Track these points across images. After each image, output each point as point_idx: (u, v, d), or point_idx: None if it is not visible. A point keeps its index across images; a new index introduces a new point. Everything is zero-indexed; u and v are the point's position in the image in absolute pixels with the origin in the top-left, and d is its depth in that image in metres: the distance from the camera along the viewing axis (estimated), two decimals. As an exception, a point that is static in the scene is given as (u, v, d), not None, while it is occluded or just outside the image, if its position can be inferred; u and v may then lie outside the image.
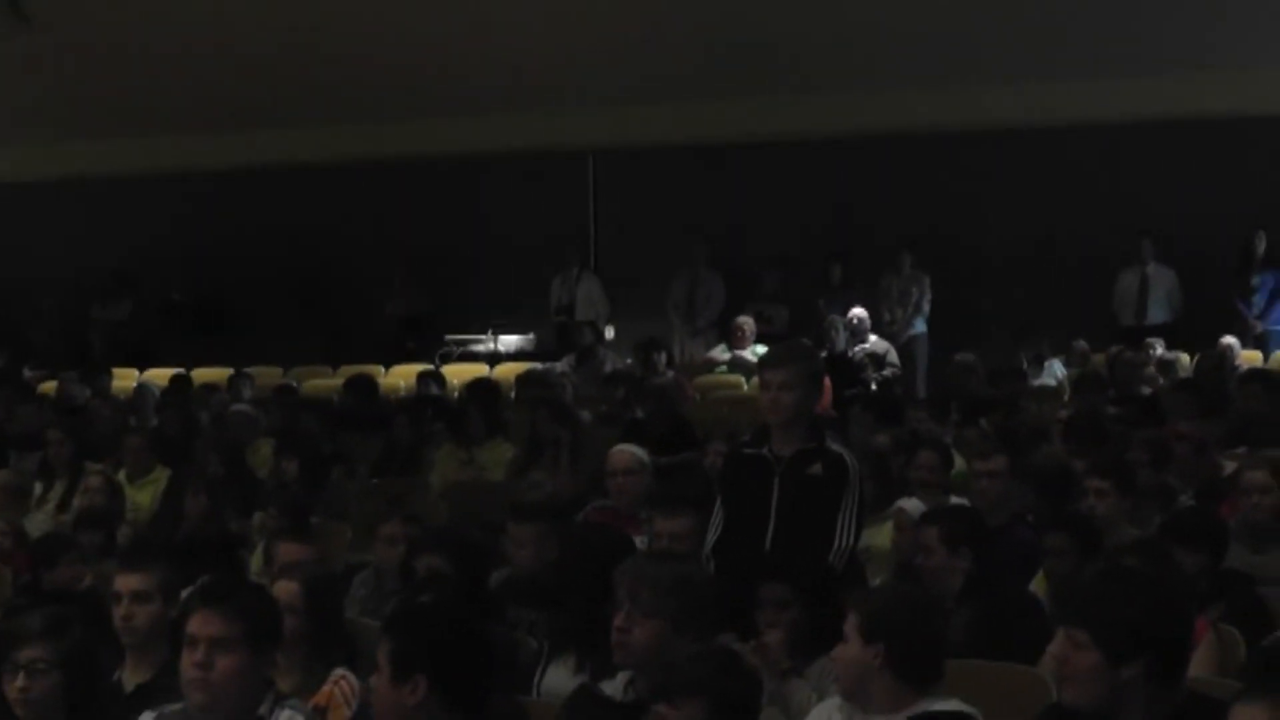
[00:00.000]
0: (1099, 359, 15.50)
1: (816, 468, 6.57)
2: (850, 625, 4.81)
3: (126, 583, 5.87)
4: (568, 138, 19.24)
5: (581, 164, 20.01)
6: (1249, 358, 15.31)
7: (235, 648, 4.62)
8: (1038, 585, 7.00)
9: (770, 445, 6.66)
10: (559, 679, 5.74)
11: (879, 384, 15.38)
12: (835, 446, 6.70)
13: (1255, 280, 16.83)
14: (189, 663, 4.65)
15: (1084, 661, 4.30)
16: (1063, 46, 16.90)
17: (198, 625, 4.68)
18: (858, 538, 6.71)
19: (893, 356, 16.31)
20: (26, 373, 18.30)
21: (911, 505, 7.85)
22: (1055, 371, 15.30)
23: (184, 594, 5.73)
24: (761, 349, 15.18)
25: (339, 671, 5.49)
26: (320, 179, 20.21)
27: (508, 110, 18.93)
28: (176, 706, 4.80)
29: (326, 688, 5.43)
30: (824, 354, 14.95)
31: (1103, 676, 4.27)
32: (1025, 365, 15.12)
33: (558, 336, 18.51)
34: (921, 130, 17.96)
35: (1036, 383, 14.71)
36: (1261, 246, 16.83)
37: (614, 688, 5.32)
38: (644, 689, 4.95)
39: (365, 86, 18.71)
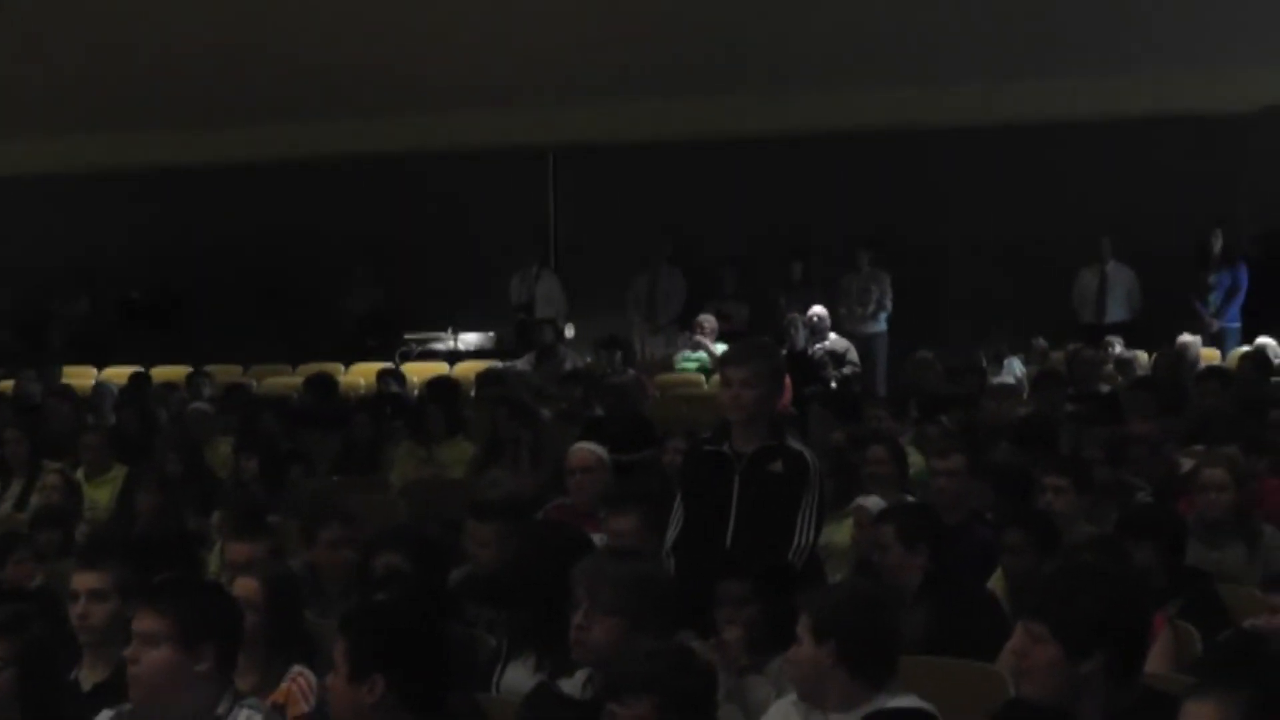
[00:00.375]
0: (1058, 357, 15.56)
1: (777, 465, 6.56)
2: (802, 625, 4.82)
3: (84, 581, 5.88)
4: (528, 135, 19.24)
5: (542, 162, 20.01)
6: (1208, 356, 15.38)
7: (161, 643, 4.58)
8: (995, 583, 7.01)
9: (731, 442, 6.64)
10: (518, 677, 5.73)
11: (838, 381, 15.42)
12: (796, 444, 6.69)
13: (1211, 279, 16.90)
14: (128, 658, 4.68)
15: (1043, 655, 4.29)
16: (1022, 46, 16.96)
17: (135, 621, 4.71)
18: (818, 535, 6.72)
19: (853, 355, 16.35)
20: None
21: (871, 502, 7.85)
22: (1014, 369, 15.34)
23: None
24: (722, 347, 15.20)
25: (297, 669, 5.49)
26: (280, 176, 20.18)
27: (468, 107, 18.92)
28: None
29: (285, 685, 5.44)
30: (784, 352, 15.01)
31: (1062, 670, 4.27)
32: (984, 363, 15.15)
33: (517, 334, 18.49)
34: (881, 129, 18.02)
35: (996, 380, 14.75)
36: (1218, 245, 16.91)
37: (573, 685, 5.31)
38: (601, 687, 4.94)
39: (325, 84, 18.68)
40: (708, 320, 16.73)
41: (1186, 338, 15.15)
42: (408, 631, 4.57)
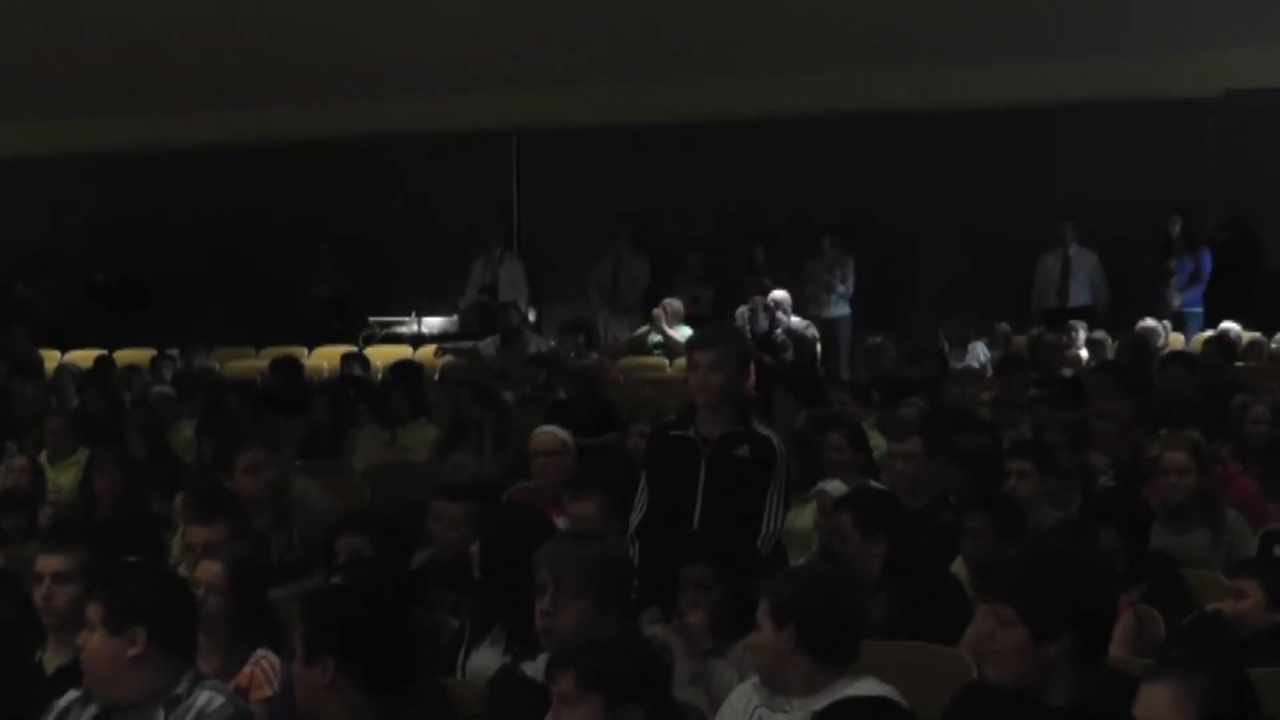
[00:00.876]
0: (1020, 341, 15.59)
1: (744, 450, 6.54)
2: (762, 610, 4.82)
3: (48, 564, 5.90)
4: (491, 118, 19.20)
5: (505, 144, 19.95)
6: (1173, 341, 15.42)
7: (96, 628, 4.74)
8: (959, 568, 7.02)
9: (696, 426, 6.62)
10: (484, 660, 5.72)
11: (788, 364, 15.37)
12: (762, 429, 6.68)
13: (1172, 263, 16.96)
14: None
15: (1009, 638, 4.30)
16: (985, 28, 17.00)
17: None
18: (784, 521, 6.72)
19: (813, 332, 16.37)
20: None
21: (834, 487, 7.87)
22: (978, 354, 15.37)
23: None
24: (687, 330, 15.20)
25: (260, 652, 5.48)
26: (244, 159, 20.11)
27: (432, 90, 18.88)
28: None
29: (248, 669, 5.44)
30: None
31: (1028, 653, 4.28)
32: (947, 347, 15.17)
33: (479, 317, 18.45)
34: (845, 111, 18.04)
35: (961, 365, 14.78)
36: (1176, 229, 16.97)
37: (536, 669, 5.29)
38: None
39: (289, 66, 18.64)
40: (671, 303, 16.71)
41: (1149, 322, 15.20)
42: (360, 615, 4.58)
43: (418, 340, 18.48)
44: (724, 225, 18.68)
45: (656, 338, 16.57)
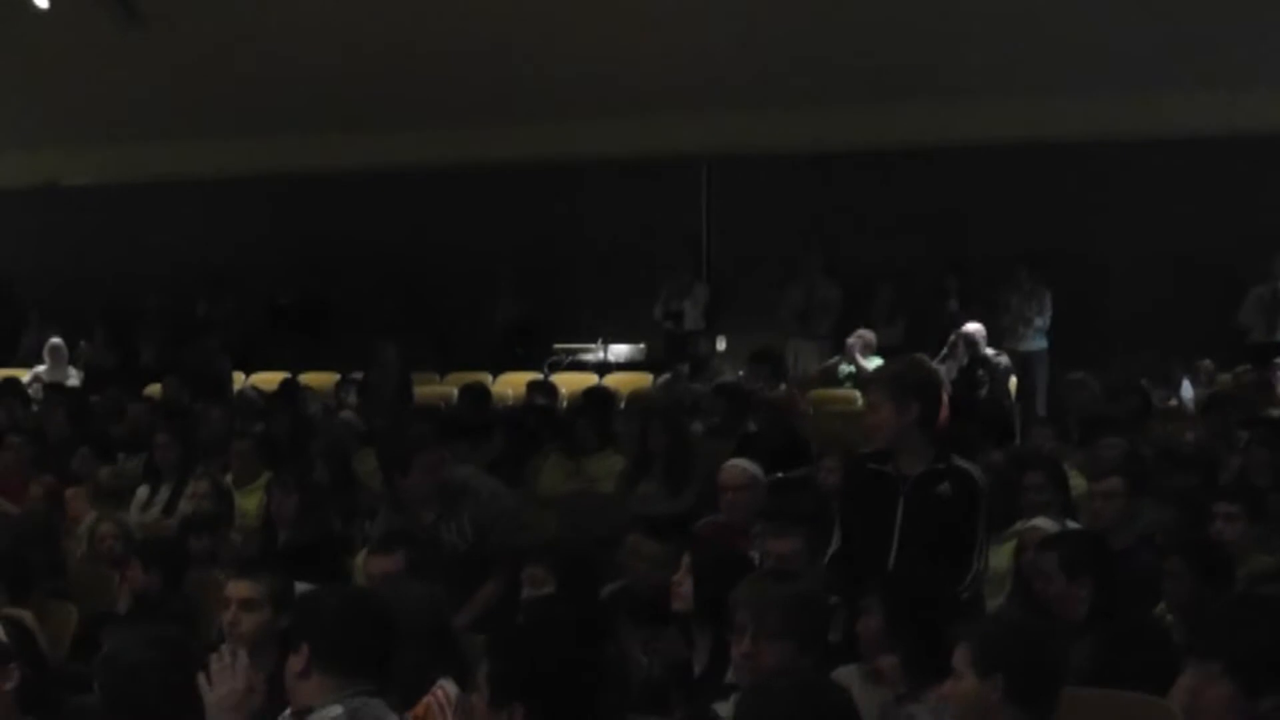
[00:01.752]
0: (1225, 379, 15.32)
1: (945, 488, 6.47)
2: (961, 658, 4.75)
3: (236, 590, 5.99)
4: (682, 144, 19.21)
5: (695, 170, 19.98)
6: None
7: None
8: (1162, 612, 6.91)
9: (895, 462, 6.57)
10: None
11: (983, 401, 15.23)
12: (963, 464, 6.60)
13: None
14: None
15: (1216, 694, 4.15)
16: (1195, 56, 16.72)
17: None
18: (987, 561, 6.65)
19: (1006, 362, 16.21)
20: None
21: (1042, 523, 7.75)
22: (1186, 392, 15.12)
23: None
24: (879, 362, 15.12)
25: (441, 682, 5.50)
26: (428, 183, 20.30)
27: (621, 115, 18.92)
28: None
29: (426, 698, 5.46)
30: (943, 369, 14.93)
31: (1236, 710, 4.14)
32: (1149, 383, 14.94)
33: (665, 346, 18.48)
34: (1044, 139, 17.79)
35: (1171, 403, 14.54)
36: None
37: (727, 711, 5.27)
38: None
39: (476, 90, 18.78)
40: (865, 334, 16.63)
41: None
42: (552, 661, 4.52)
43: (603, 368, 18.56)
44: (916, 254, 18.54)
45: (848, 369, 16.49)
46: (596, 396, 13.24)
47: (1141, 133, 17.50)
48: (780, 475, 9.71)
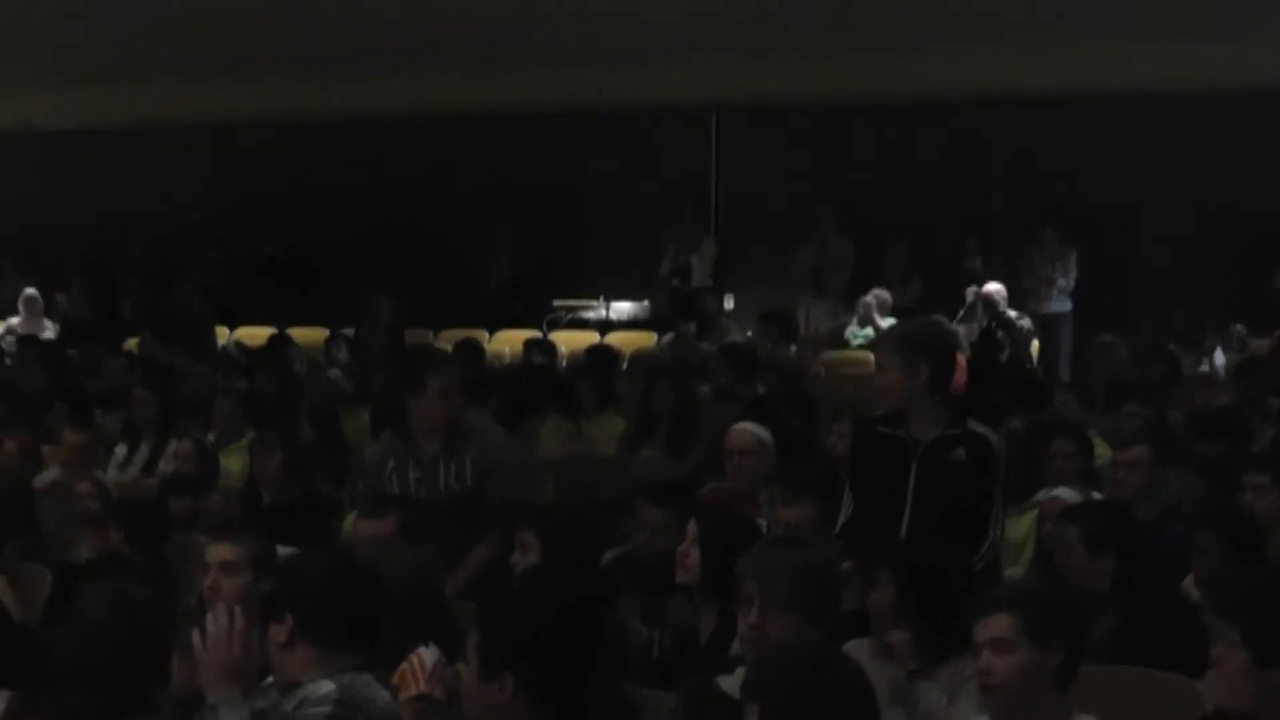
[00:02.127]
0: (1259, 344, 15.30)
1: (959, 453, 6.47)
2: (1008, 626, 4.70)
3: (215, 553, 6.01)
4: (689, 91, 19.15)
5: (704, 119, 19.93)
6: None
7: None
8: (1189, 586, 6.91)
9: (907, 426, 6.56)
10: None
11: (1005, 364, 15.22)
12: (979, 429, 6.59)
13: None
14: None
15: (1233, 661, 4.31)
16: (1228, 5, 16.65)
17: None
18: (1003, 530, 6.63)
19: (1027, 324, 16.21)
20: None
21: (1064, 494, 7.73)
22: (1217, 359, 15.10)
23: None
24: (894, 322, 15.10)
25: (419, 649, 5.49)
26: (423, 131, 20.26)
27: (626, 61, 18.86)
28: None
29: (401, 666, 5.46)
30: (961, 330, 14.95)
31: (1250, 678, 4.27)
32: (1179, 348, 14.92)
33: (671, 303, 18.46)
34: (1073, 89, 17.70)
35: (1202, 369, 14.53)
36: None
37: (732, 684, 5.26)
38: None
39: (471, 30, 18.67)
40: (880, 294, 16.61)
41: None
42: (544, 630, 4.47)
43: (605, 326, 18.54)
44: (934, 210, 18.50)
45: (862, 329, 16.48)
46: (599, 355, 13.22)
47: (1175, 84, 17.39)
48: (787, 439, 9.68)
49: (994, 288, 16.41)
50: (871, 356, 15.53)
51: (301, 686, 4.78)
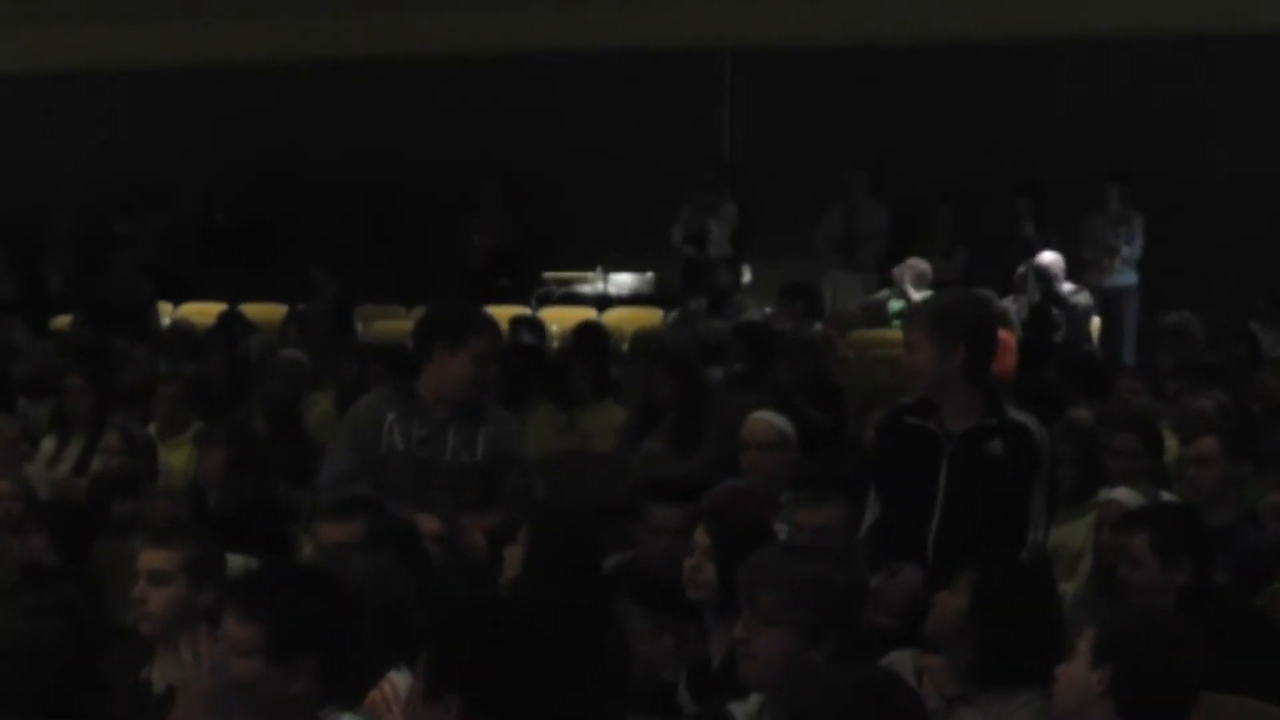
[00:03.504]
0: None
1: (996, 445, 6.49)
2: (1086, 639, 4.83)
3: (146, 560, 6.02)
4: (700, 32, 19.15)
5: (716, 65, 19.93)
6: None
7: (249, 653, 4.74)
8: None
9: (938, 415, 6.57)
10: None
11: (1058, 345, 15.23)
12: (1020, 417, 6.62)
13: None
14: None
15: None
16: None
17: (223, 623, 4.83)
18: (1048, 532, 6.63)
19: (1087, 300, 16.23)
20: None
21: (1122, 496, 7.73)
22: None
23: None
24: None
25: (390, 674, 5.49)
26: (392, 77, 20.28)
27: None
28: None
29: (373, 693, 5.47)
30: (1014, 308, 14.97)
31: None
32: (1260, 327, 14.93)
33: (683, 275, 18.46)
34: (1139, 30, 17.70)
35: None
36: None
37: (746, 710, 5.28)
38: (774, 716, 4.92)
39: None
40: (916, 264, 16.60)
41: None
42: (498, 644, 4.39)
43: (603, 301, 18.55)
44: (981, 170, 18.49)
45: (897, 304, 16.48)
46: (588, 334, 13.24)
47: (1256, 24, 17.36)
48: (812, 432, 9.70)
49: (1049, 258, 16.43)
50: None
51: None
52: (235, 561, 6.35)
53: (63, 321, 16.70)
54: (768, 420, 8.83)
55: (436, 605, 5.60)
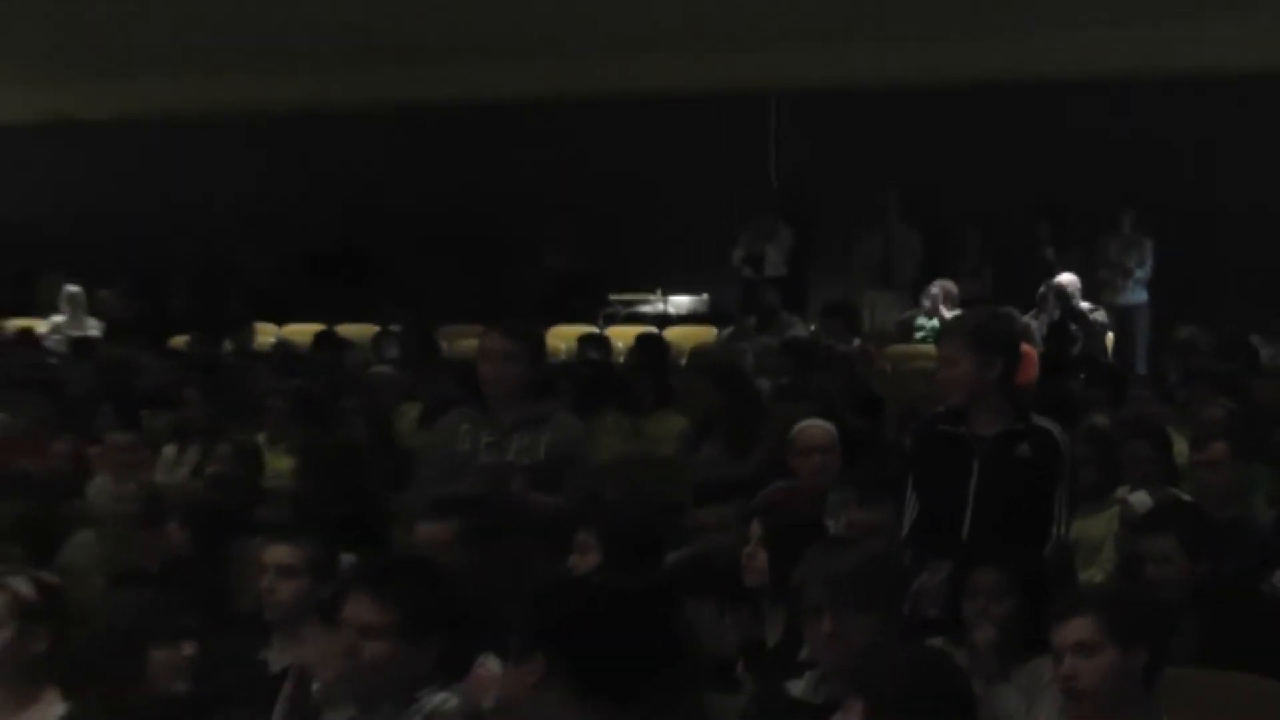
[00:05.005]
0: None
1: (1024, 449, 6.51)
2: (1091, 628, 4.73)
3: (273, 555, 6.06)
4: (749, 76, 19.15)
5: (763, 106, 19.93)
6: None
7: (381, 634, 4.80)
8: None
9: (969, 422, 6.60)
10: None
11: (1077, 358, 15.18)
12: (1044, 422, 6.63)
13: None
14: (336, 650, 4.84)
15: None
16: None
17: (349, 609, 4.87)
18: (1070, 528, 6.65)
19: (1101, 317, 16.20)
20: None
21: (1138, 499, 7.75)
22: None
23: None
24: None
25: (482, 659, 5.48)
26: (475, 120, 20.29)
27: (683, 45, 18.87)
28: None
29: (479, 669, 5.48)
30: (1035, 324, 14.95)
31: None
32: (1260, 340, 14.87)
33: (741, 294, 18.46)
34: (1151, 71, 17.63)
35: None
36: None
37: (801, 689, 5.29)
38: (838, 688, 4.94)
39: (524, 19, 18.73)
40: (946, 285, 16.58)
41: None
42: (581, 612, 4.34)
43: (663, 321, 18.57)
44: (1005, 198, 18.45)
45: (930, 322, 16.46)
46: (650, 345, 13.21)
47: (1260, 65, 17.28)
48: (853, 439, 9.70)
49: (1067, 278, 16.39)
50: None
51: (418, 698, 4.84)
52: (344, 559, 6.40)
53: (180, 341, 16.78)
54: (821, 425, 8.82)
55: (529, 579, 5.63)
